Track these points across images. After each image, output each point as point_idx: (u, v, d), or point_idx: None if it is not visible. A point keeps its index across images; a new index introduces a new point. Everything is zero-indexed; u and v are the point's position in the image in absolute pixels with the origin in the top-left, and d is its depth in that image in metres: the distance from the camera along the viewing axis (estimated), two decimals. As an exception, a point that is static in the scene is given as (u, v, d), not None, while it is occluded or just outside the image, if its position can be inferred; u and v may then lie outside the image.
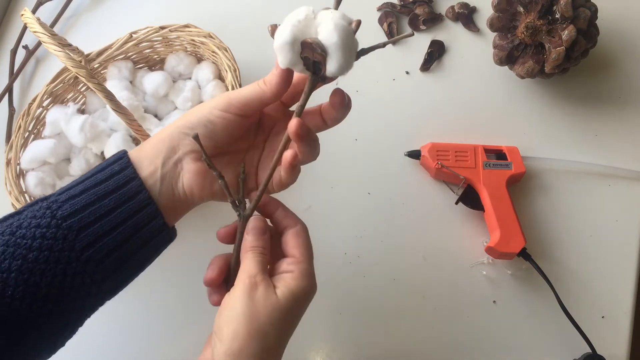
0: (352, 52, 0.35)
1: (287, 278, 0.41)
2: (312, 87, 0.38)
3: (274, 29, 0.36)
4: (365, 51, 0.37)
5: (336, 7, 0.37)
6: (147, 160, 0.41)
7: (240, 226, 0.44)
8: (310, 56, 0.35)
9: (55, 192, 0.40)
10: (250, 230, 0.43)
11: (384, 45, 0.38)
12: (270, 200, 0.45)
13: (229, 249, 0.46)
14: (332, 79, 0.38)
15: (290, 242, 0.43)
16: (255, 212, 0.44)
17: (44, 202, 0.39)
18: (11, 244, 0.37)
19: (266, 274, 0.41)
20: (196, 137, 0.40)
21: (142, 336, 0.62)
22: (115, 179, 0.40)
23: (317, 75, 0.36)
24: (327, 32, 0.34)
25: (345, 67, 0.35)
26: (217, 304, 0.43)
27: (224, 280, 0.45)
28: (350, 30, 0.35)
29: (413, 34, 0.39)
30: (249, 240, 0.43)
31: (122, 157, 0.41)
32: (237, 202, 0.43)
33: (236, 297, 0.40)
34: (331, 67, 0.35)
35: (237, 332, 0.38)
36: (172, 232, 0.45)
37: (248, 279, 0.40)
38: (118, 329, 0.63)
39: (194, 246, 0.66)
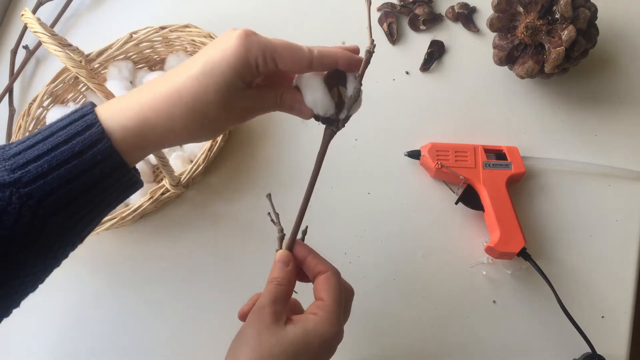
0: (319, 99, 0.42)
1: (309, 319, 0.40)
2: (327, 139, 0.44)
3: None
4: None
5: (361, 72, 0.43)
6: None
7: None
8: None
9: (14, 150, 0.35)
10: (273, 263, 0.44)
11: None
12: (299, 246, 0.45)
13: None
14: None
15: (319, 286, 0.43)
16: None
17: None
18: None
19: (278, 305, 0.41)
20: (269, 197, 0.46)
21: (141, 335, 0.62)
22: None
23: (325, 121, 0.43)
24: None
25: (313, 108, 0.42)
26: (241, 317, 0.45)
27: None
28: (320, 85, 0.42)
29: None
30: (271, 272, 0.43)
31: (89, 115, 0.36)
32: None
33: (245, 326, 0.41)
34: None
35: (238, 357, 0.39)
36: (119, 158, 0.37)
37: (258, 310, 0.41)
38: (116, 328, 0.63)
39: (193, 247, 0.66)
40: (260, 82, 0.42)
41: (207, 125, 0.38)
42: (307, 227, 0.47)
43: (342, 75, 0.42)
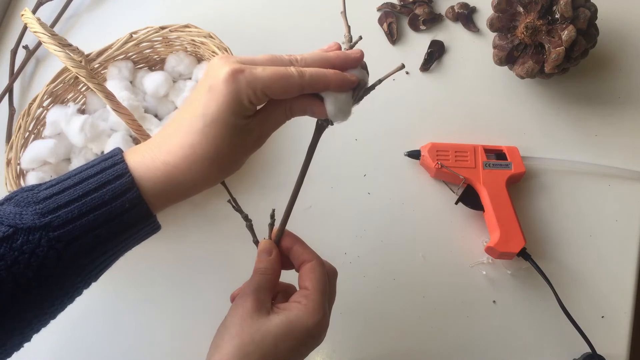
0: (342, 104, 0.39)
1: (292, 307, 0.41)
2: (319, 130, 0.42)
3: None
4: (364, 94, 0.41)
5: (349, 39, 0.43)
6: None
7: None
8: None
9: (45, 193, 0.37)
10: (258, 254, 0.45)
11: (379, 82, 0.42)
12: (287, 236, 0.46)
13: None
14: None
15: (304, 275, 0.44)
16: None
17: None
18: None
19: (261, 293, 0.42)
20: (222, 182, 0.44)
21: (141, 335, 0.62)
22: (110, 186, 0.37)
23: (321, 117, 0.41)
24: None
25: (336, 114, 0.39)
26: None
27: None
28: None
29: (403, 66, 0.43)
30: (255, 263, 0.44)
31: (116, 156, 0.39)
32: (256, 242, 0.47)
33: (228, 314, 0.41)
34: (327, 111, 0.39)
35: (220, 345, 0.40)
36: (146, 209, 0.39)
37: (240, 298, 0.42)
38: (116, 328, 0.63)
39: (194, 245, 0.66)
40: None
41: (227, 167, 0.39)
42: (273, 210, 0.47)
43: None
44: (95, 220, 0.36)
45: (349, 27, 0.42)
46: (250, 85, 0.36)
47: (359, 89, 0.40)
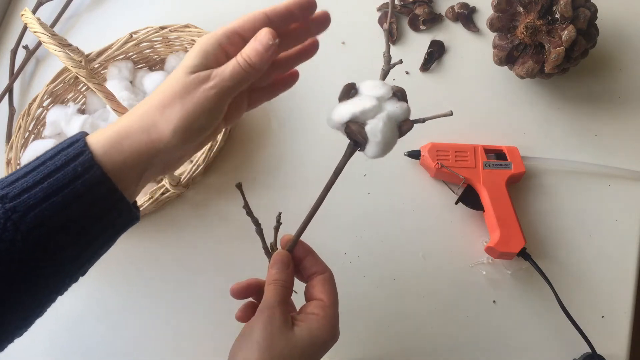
0: (390, 146, 0.41)
1: (312, 319, 0.42)
2: (350, 155, 0.42)
3: (348, 89, 0.41)
4: (407, 130, 0.42)
5: (382, 78, 0.43)
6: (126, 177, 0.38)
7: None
8: (353, 135, 0.39)
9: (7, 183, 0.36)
10: (273, 264, 0.44)
11: (423, 121, 0.43)
12: (299, 245, 0.46)
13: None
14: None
15: (318, 287, 0.44)
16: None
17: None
18: None
19: (286, 306, 0.42)
20: (239, 186, 0.44)
21: (140, 335, 0.62)
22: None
23: (356, 147, 0.41)
24: (374, 127, 0.39)
25: (380, 155, 0.40)
26: (239, 318, 0.46)
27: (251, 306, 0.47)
28: (394, 132, 0.41)
29: (451, 114, 0.43)
30: (272, 273, 0.44)
31: (79, 142, 0.37)
32: (270, 248, 0.46)
33: (253, 326, 0.41)
34: (368, 151, 0.40)
35: (249, 357, 0.40)
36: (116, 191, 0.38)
37: (267, 310, 0.42)
38: (115, 328, 0.63)
39: (192, 247, 0.66)
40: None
41: (171, 115, 0.37)
42: (280, 213, 0.47)
43: (354, 86, 0.41)
44: (49, 188, 0.35)
45: (389, 45, 0.42)
46: (216, 33, 0.40)
47: (405, 126, 0.41)
